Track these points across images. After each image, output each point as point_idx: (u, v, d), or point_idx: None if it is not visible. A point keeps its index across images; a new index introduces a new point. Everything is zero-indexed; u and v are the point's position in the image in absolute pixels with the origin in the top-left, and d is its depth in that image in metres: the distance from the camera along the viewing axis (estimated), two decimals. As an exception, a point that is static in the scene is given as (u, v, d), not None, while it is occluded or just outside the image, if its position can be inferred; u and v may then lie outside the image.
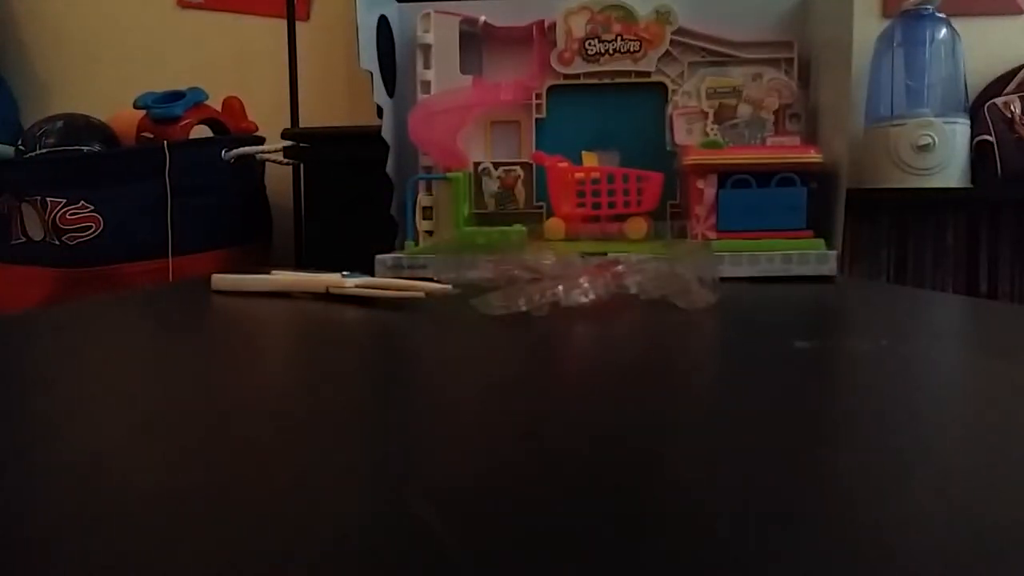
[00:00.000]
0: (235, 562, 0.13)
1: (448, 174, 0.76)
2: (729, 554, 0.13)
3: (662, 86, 0.79)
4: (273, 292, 0.54)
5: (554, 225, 0.73)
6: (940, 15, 1.17)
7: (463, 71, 0.81)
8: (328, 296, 0.52)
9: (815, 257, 0.67)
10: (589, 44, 0.79)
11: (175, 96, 1.19)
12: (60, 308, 0.58)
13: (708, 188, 0.69)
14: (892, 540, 0.14)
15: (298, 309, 0.49)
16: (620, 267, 0.46)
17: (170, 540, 0.14)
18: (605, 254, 0.61)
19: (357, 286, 0.51)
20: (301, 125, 1.37)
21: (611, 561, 0.13)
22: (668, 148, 0.78)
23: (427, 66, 0.80)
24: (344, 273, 0.53)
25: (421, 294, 0.48)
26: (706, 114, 0.77)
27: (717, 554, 0.13)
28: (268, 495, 0.16)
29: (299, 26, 1.43)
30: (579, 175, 0.73)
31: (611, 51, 0.79)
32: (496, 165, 0.78)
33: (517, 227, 0.74)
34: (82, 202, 1.07)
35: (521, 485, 0.17)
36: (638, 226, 0.72)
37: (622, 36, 0.78)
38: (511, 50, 0.81)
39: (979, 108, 1.21)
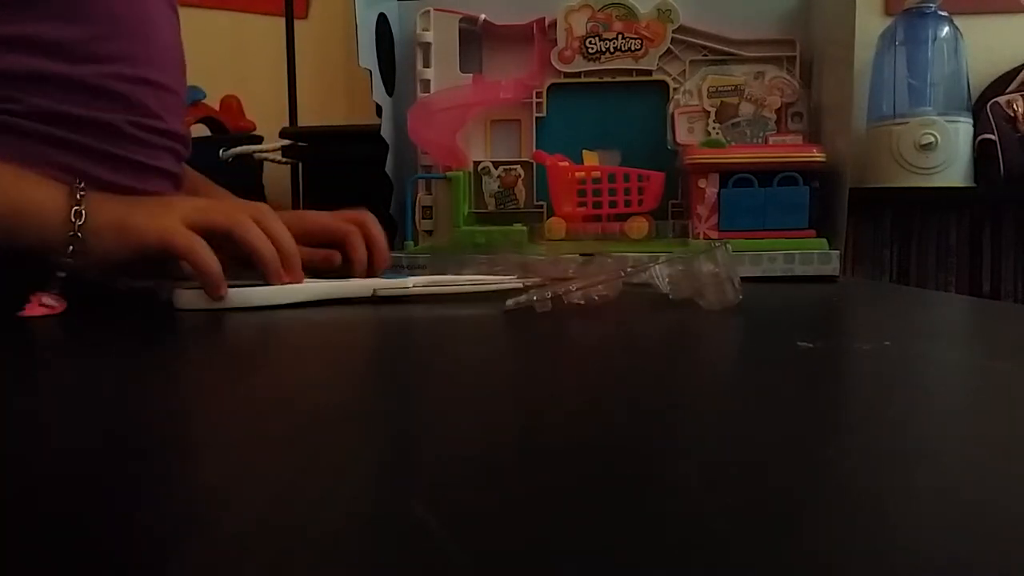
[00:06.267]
0: (235, 561, 0.13)
1: (448, 173, 0.75)
2: (731, 553, 0.13)
3: (663, 84, 0.78)
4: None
5: (555, 224, 0.73)
6: (942, 13, 1.17)
7: (463, 69, 0.80)
8: (375, 299, 0.49)
9: (817, 257, 0.67)
10: (590, 42, 0.78)
11: (173, 95, 1.19)
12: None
13: (710, 187, 0.69)
14: (895, 539, 0.14)
15: (303, 312, 0.48)
16: (631, 266, 0.46)
17: (169, 539, 0.14)
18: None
19: (415, 286, 0.49)
20: (299, 124, 1.37)
21: (613, 561, 0.13)
22: (669, 147, 0.78)
23: (426, 64, 0.80)
24: (383, 274, 0.52)
25: (518, 284, 0.48)
26: (708, 113, 0.77)
27: (719, 553, 0.13)
28: (266, 495, 0.16)
29: (297, 24, 1.42)
30: (580, 174, 0.73)
31: (612, 49, 0.78)
32: (496, 164, 0.77)
33: (517, 227, 0.73)
34: (80, 201, 1.06)
35: (521, 485, 0.17)
36: (639, 226, 0.72)
37: (623, 34, 0.78)
38: (511, 48, 0.81)
39: (982, 107, 1.21)
